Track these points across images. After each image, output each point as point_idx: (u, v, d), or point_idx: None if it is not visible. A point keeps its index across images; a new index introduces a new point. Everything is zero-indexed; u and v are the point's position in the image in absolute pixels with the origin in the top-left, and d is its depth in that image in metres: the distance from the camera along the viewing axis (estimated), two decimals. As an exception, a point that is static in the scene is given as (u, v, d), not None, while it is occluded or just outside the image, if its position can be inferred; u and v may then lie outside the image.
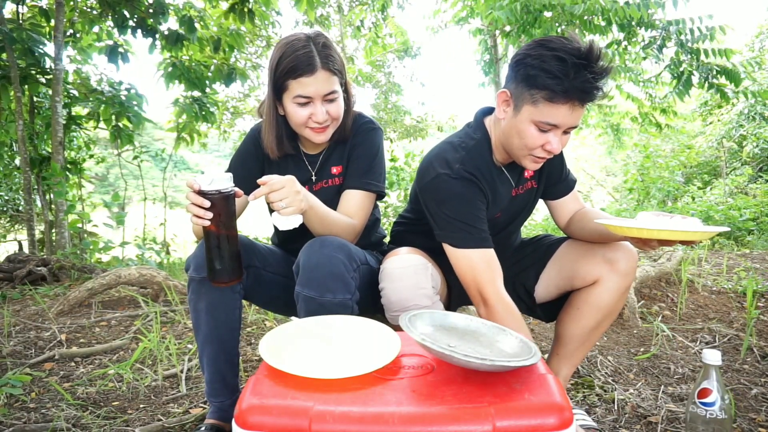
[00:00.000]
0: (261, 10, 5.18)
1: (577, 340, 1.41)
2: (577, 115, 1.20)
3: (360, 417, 0.80)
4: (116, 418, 1.53)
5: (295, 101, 1.35)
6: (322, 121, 1.37)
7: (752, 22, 17.25)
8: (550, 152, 1.25)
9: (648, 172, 6.84)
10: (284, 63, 1.33)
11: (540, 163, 1.30)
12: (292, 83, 1.33)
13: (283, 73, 1.33)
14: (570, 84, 1.13)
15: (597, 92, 1.16)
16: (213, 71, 5.38)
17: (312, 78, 1.32)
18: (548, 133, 1.22)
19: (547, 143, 1.23)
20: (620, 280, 1.33)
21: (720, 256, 3.45)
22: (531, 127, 1.22)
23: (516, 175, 1.44)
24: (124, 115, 4.97)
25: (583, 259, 1.37)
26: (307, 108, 1.36)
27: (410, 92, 29.83)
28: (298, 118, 1.37)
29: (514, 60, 1.24)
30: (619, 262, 1.32)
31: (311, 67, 1.31)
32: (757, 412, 1.50)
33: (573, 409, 1.02)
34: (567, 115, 1.18)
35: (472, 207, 1.31)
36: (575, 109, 1.18)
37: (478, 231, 1.29)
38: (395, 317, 1.31)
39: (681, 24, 4.69)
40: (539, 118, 1.20)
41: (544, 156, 1.27)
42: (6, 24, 4.33)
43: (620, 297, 1.35)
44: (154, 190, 9.39)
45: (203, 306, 1.30)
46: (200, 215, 1.13)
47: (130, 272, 2.74)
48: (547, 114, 1.19)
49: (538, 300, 1.52)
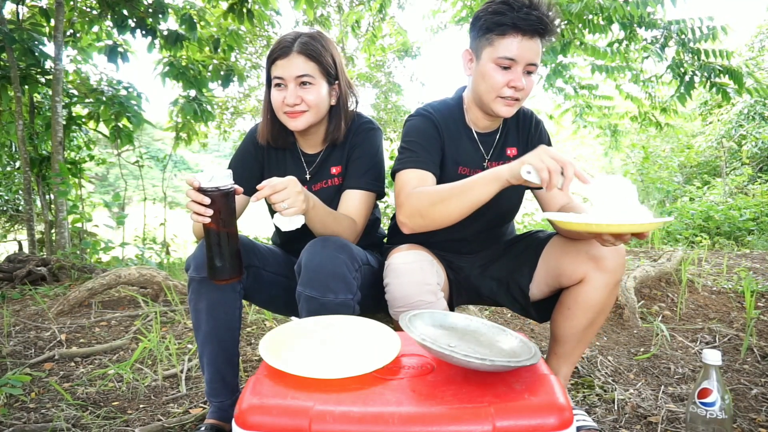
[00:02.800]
0: (260, 10, 5.18)
1: (572, 339, 1.39)
2: (531, 48, 1.30)
3: (360, 417, 0.80)
4: (116, 418, 1.53)
5: (273, 83, 1.41)
6: (292, 104, 1.39)
7: (752, 22, 17.25)
8: (515, 89, 1.32)
9: (648, 172, 6.84)
10: (270, 50, 1.42)
11: (512, 106, 1.36)
12: (272, 68, 1.41)
13: (267, 61, 1.43)
14: (515, 15, 1.26)
15: (541, 24, 1.27)
16: (211, 71, 5.38)
17: (285, 60, 1.38)
18: (509, 71, 1.31)
19: (510, 80, 1.31)
20: (607, 277, 1.29)
21: (720, 256, 3.45)
22: (492, 66, 1.32)
23: (492, 146, 1.49)
24: (124, 115, 4.97)
25: (567, 257, 1.34)
26: (282, 92, 1.40)
27: (410, 92, 29.84)
28: (275, 102, 1.42)
29: (471, 22, 1.37)
30: (605, 259, 1.28)
31: (286, 50, 1.38)
32: (757, 412, 1.50)
33: (573, 409, 1.02)
34: (520, 46, 1.28)
35: (422, 137, 1.41)
36: (526, 41, 1.28)
37: (422, 155, 1.38)
38: (398, 313, 1.31)
39: (682, 23, 4.69)
40: (496, 55, 1.30)
41: (512, 95, 1.33)
42: (6, 24, 4.33)
43: (609, 293, 1.32)
44: (154, 190, 9.39)
45: (203, 306, 1.30)
46: (200, 212, 1.13)
47: (130, 272, 2.74)
48: (502, 48, 1.29)
49: (532, 298, 1.49)
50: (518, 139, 1.52)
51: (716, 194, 7.66)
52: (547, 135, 1.56)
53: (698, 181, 9.73)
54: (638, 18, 4.60)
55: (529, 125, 1.53)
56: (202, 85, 5.31)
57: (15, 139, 4.80)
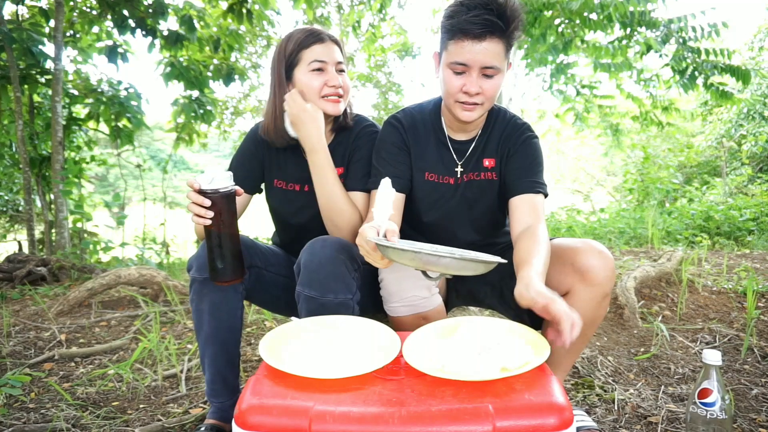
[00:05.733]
0: (259, 10, 5.18)
1: (562, 349, 1.30)
2: (485, 51, 1.24)
3: (360, 417, 0.80)
4: (116, 418, 1.53)
5: (310, 68, 1.40)
6: (337, 86, 1.41)
7: (752, 22, 17.25)
8: (468, 93, 1.28)
9: (648, 172, 6.83)
10: (295, 38, 1.41)
11: (470, 111, 1.31)
12: (305, 52, 1.40)
13: (295, 47, 1.41)
14: (464, 19, 1.21)
15: (491, 26, 1.21)
16: (212, 71, 5.38)
17: (324, 46, 1.41)
18: (464, 75, 1.28)
19: (463, 85, 1.28)
20: (593, 290, 1.23)
21: (720, 256, 3.44)
22: (448, 71, 1.29)
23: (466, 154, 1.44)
24: (124, 115, 4.97)
25: (553, 268, 1.25)
26: (322, 75, 1.40)
27: (410, 92, 29.75)
28: (313, 86, 1.41)
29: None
30: (590, 272, 1.22)
31: (322, 36, 1.41)
32: (757, 412, 1.50)
33: (573, 409, 1.01)
34: (471, 50, 1.24)
35: (386, 149, 1.43)
36: (477, 44, 1.23)
37: (384, 171, 1.38)
38: (394, 309, 1.31)
39: (683, 20, 4.67)
40: (450, 60, 1.27)
41: (467, 101, 1.29)
42: (6, 24, 4.33)
43: (597, 306, 1.26)
44: (154, 190, 9.38)
45: (205, 307, 1.30)
46: (201, 214, 1.13)
47: (130, 272, 2.74)
48: (454, 54, 1.26)
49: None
50: (497, 150, 1.43)
51: (716, 194, 7.65)
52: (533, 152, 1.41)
53: (698, 181, 9.73)
54: (638, 17, 4.60)
55: (516, 137, 1.42)
56: (204, 85, 5.31)
57: (15, 139, 4.79)
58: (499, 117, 1.45)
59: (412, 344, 1.02)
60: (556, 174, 15.03)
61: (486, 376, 0.87)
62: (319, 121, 1.39)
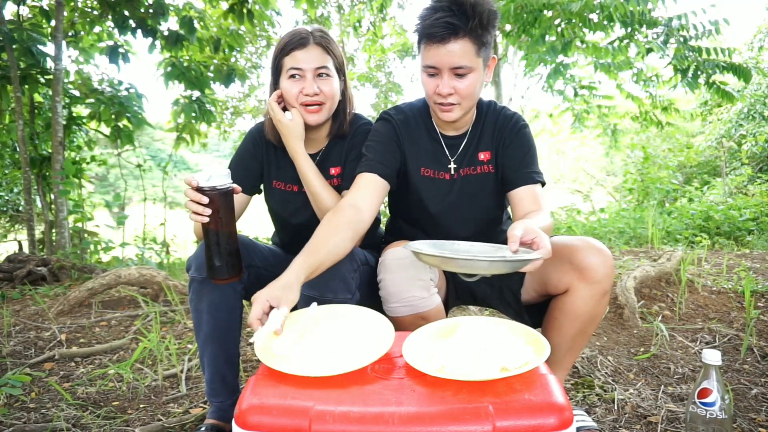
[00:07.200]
0: (260, 10, 5.18)
1: (563, 347, 1.34)
2: (451, 52, 1.25)
3: (360, 417, 0.80)
4: (116, 418, 1.53)
5: (288, 74, 1.39)
6: (312, 94, 1.39)
7: (752, 22, 17.25)
8: (440, 95, 1.31)
9: (648, 172, 6.83)
10: (281, 44, 1.41)
11: (447, 111, 1.34)
12: (286, 59, 1.40)
13: (278, 53, 1.41)
14: (428, 23, 1.24)
15: (451, 27, 1.22)
16: (213, 71, 5.38)
17: (303, 51, 1.38)
18: (436, 77, 1.31)
19: (436, 87, 1.31)
20: (593, 288, 1.23)
21: (720, 256, 3.44)
22: (423, 74, 1.33)
23: (459, 149, 1.45)
24: (124, 116, 4.97)
25: (551, 266, 1.26)
26: (299, 83, 1.39)
27: (410, 92, 29.58)
28: (290, 93, 1.40)
29: None
30: (589, 269, 1.22)
31: (303, 41, 1.38)
32: (757, 412, 1.50)
33: (573, 409, 1.01)
34: (437, 53, 1.26)
35: (377, 140, 1.43)
36: (443, 46, 1.25)
37: (372, 157, 1.39)
38: (393, 309, 1.31)
39: (684, 19, 4.67)
40: (423, 63, 1.31)
41: (443, 101, 1.32)
42: (6, 24, 4.33)
43: (596, 304, 1.26)
44: (154, 190, 9.37)
45: (204, 306, 1.30)
46: (199, 212, 1.13)
47: (130, 272, 2.74)
48: (425, 57, 1.29)
49: (524, 303, 1.48)
50: (492, 143, 1.45)
51: (716, 194, 7.64)
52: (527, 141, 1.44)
53: (698, 181, 9.72)
54: (639, 16, 4.60)
55: (510, 128, 1.44)
56: (204, 86, 5.32)
57: (16, 138, 4.80)
58: (490, 110, 1.47)
59: (412, 344, 1.02)
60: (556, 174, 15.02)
61: (486, 376, 0.87)
62: (294, 131, 1.40)
